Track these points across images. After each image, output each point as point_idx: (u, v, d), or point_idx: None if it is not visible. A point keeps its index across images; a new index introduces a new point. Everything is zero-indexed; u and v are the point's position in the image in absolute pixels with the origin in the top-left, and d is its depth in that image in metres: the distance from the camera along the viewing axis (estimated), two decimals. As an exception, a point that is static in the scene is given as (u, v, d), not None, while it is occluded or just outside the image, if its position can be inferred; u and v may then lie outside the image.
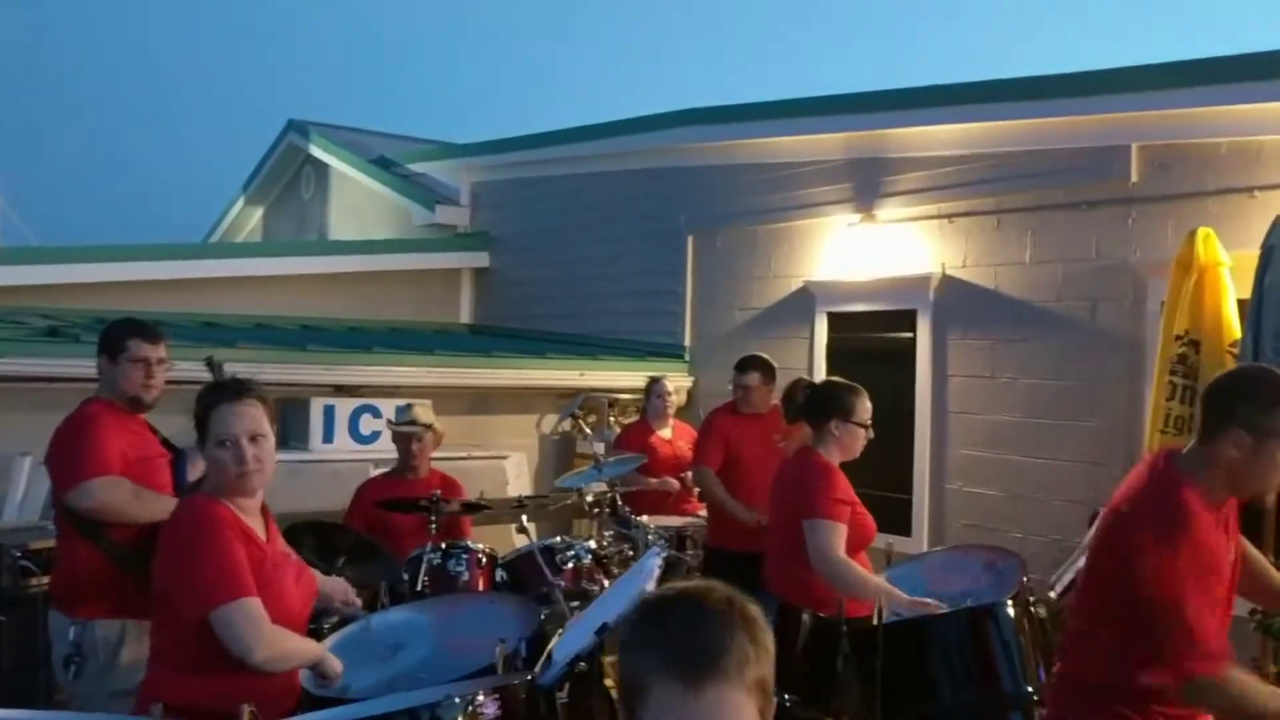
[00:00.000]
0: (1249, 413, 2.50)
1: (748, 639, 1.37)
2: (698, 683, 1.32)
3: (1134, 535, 2.54)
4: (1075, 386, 6.01)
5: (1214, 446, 2.55)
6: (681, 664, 1.33)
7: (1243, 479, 2.55)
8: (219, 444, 2.78)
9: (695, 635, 1.35)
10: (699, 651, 1.33)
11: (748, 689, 1.34)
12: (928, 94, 6.78)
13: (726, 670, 1.33)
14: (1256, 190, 5.27)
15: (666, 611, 1.41)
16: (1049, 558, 5.47)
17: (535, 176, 10.56)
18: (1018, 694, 3.35)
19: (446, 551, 4.75)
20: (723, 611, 1.38)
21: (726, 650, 1.34)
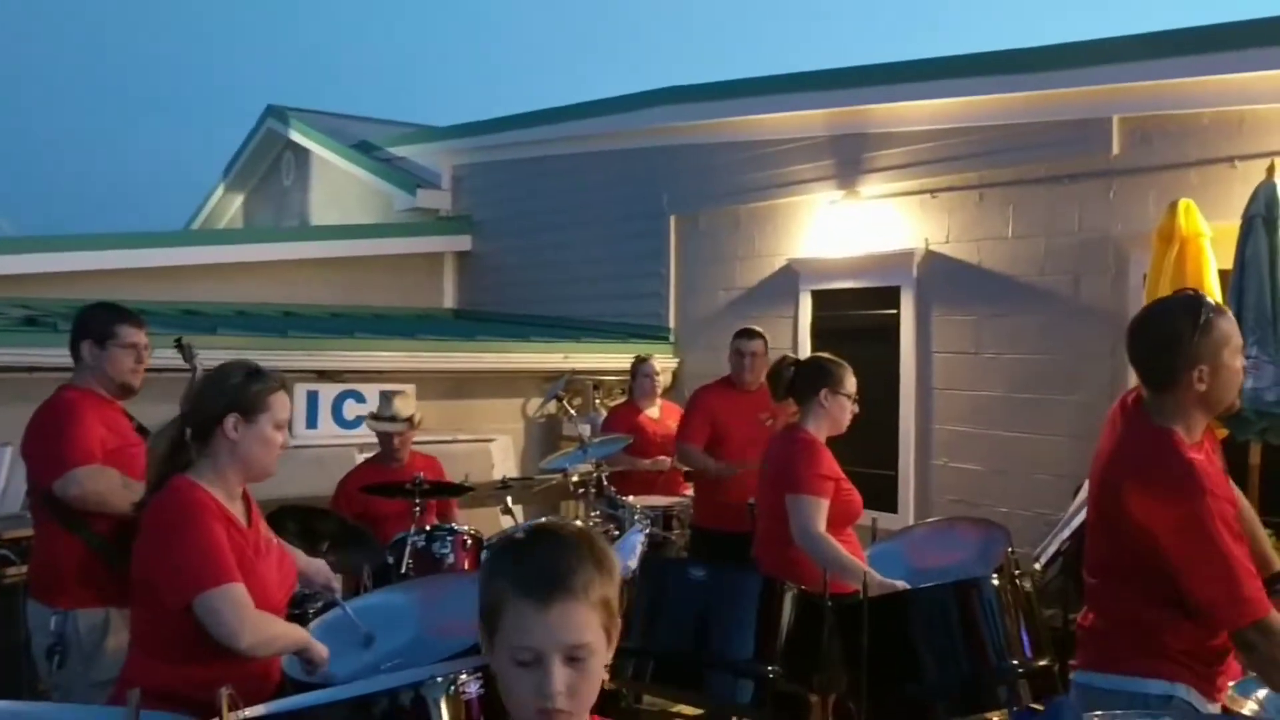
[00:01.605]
0: (1193, 349, 2.57)
1: (593, 563, 1.53)
2: (546, 598, 1.48)
3: (1148, 499, 2.55)
4: (1058, 360, 6.02)
5: (1177, 392, 2.60)
6: (532, 582, 1.49)
7: (1215, 401, 2.63)
8: (277, 426, 2.80)
9: (545, 558, 1.52)
10: (548, 571, 1.50)
11: (592, 605, 1.51)
12: (909, 69, 6.76)
13: (572, 587, 1.49)
14: (1237, 161, 5.27)
15: (523, 544, 1.58)
16: (1034, 531, 5.48)
17: (517, 159, 10.50)
18: (1003, 667, 3.35)
19: (431, 534, 4.74)
20: (571, 540, 1.56)
21: (572, 570, 1.50)
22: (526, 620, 1.48)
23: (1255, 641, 2.43)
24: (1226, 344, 2.61)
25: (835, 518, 3.76)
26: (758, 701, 3.38)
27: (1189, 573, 2.48)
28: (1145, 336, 2.70)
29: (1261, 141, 5.21)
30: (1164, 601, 2.55)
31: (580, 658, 1.50)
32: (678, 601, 3.54)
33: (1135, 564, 2.60)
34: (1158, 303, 2.88)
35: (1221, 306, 2.68)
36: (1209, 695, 2.59)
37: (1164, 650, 2.58)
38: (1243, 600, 2.43)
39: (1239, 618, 2.44)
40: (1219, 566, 2.45)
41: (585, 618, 1.50)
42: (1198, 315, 2.60)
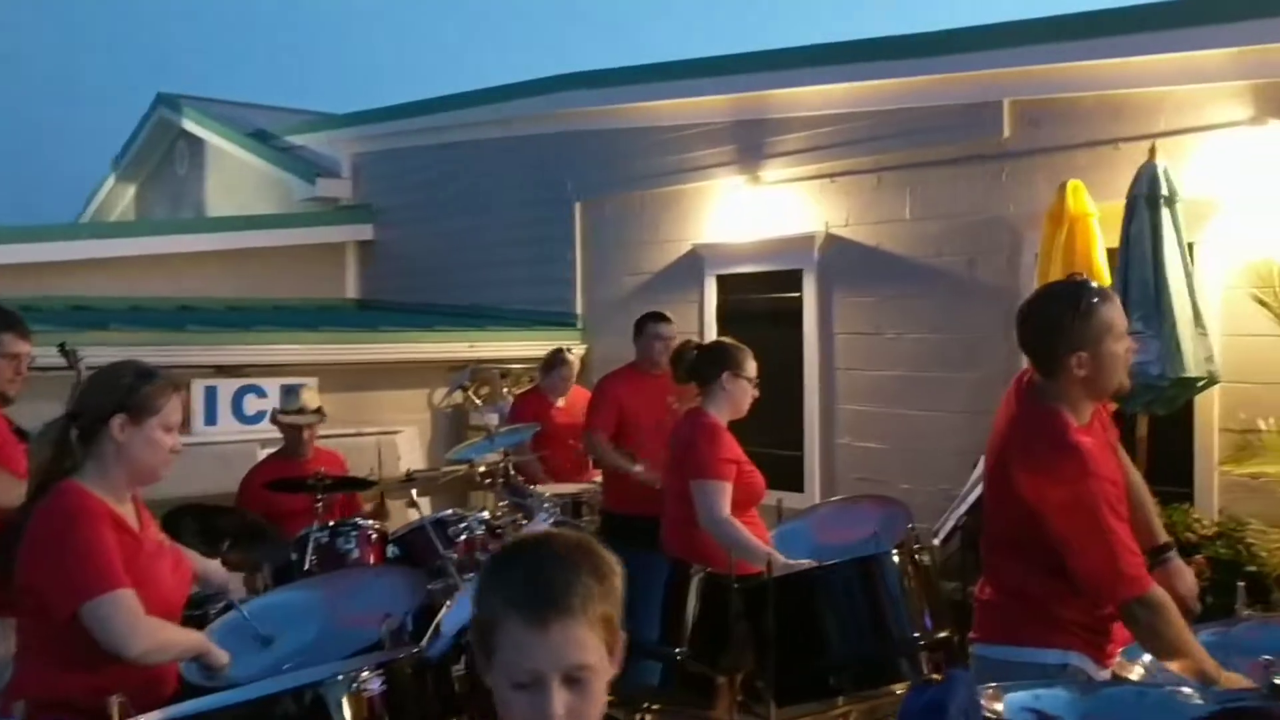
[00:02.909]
0: (1072, 336, 2.64)
1: (592, 578, 1.44)
2: (542, 618, 1.40)
3: (1035, 478, 2.63)
4: (956, 339, 6.16)
5: (1061, 377, 2.67)
6: (527, 601, 1.41)
7: (1099, 386, 2.70)
8: (167, 429, 2.68)
9: (540, 575, 1.43)
10: (543, 589, 1.41)
11: (591, 623, 1.42)
12: (807, 54, 6.83)
13: (570, 605, 1.41)
14: (1121, 143, 5.44)
15: (515, 556, 1.49)
16: (936, 506, 5.60)
17: (418, 146, 10.36)
18: (905, 640, 3.43)
19: (335, 529, 4.67)
20: (568, 552, 1.47)
21: (569, 587, 1.42)
22: (522, 641, 1.41)
23: (1138, 614, 2.53)
24: (1108, 331, 2.66)
25: (739, 500, 3.80)
26: (665, 683, 3.41)
27: (1073, 550, 2.57)
28: (1029, 322, 2.78)
29: (1143, 124, 5.39)
30: (1055, 574, 2.64)
31: (581, 679, 1.42)
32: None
33: (1026, 538, 2.68)
34: (1043, 289, 2.96)
35: (1108, 292, 2.74)
36: (1100, 662, 2.68)
37: (1057, 621, 2.66)
38: (1124, 577, 2.53)
39: (1121, 593, 2.53)
40: (1101, 545, 2.54)
41: (585, 637, 1.42)
42: (1079, 302, 2.67)
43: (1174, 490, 5.15)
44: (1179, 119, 5.31)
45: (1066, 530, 2.58)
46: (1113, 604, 2.58)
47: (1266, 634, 2.79)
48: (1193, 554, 4.71)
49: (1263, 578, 4.63)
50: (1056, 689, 2.43)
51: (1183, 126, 5.29)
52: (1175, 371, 4.68)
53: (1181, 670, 2.51)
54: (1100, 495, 2.55)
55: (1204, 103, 5.26)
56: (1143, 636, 2.58)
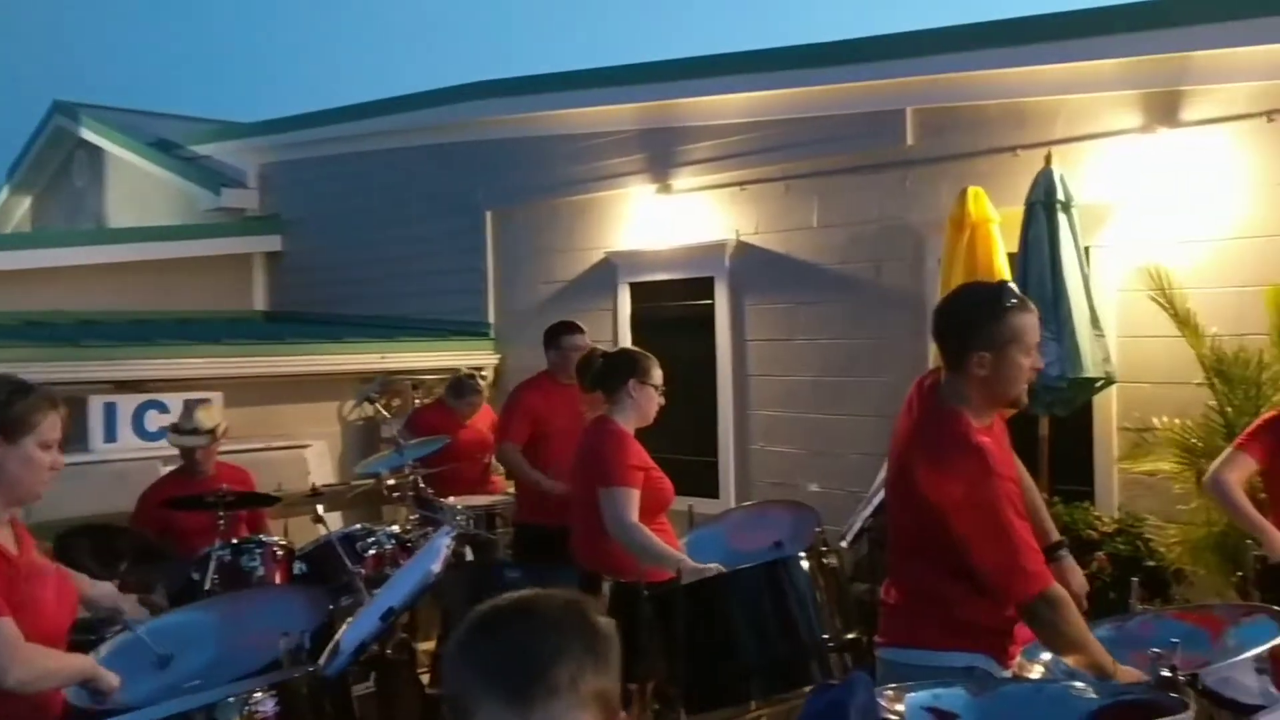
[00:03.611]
0: (978, 334, 2.66)
1: (582, 647, 1.25)
2: (525, 700, 1.20)
3: (937, 478, 2.65)
4: (864, 344, 6.24)
5: (963, 374, 2.69)
6: (507, 680, 1.21)
7: (997, 392, 2.71)
8: (44, 446, 2.56)
9: (522, 648, 1.23)
10: (525, 665, 1.22)
11: (583, 702, 1.22)
12: (715, 63, 6.88)
13: (557, 684, 1.21)
14: (1020, 150, 5.56)
15: (494, 622, 1.28)
16: (849, 508, 5.64)
17: (326, 155, 10.19)
18: (815, 643, 3.44)
19: (238, 548, 4.55)
20: (556, 620, 1.27)
21: (556, 662, 1.22)
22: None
23: (1039, 612, 2.57)
24: (1016, 339, 2.67)
25: (648, 506, 3.79)
26: (576, 695, 3.37)
27: (975, 548, 2.60)
28: (943, 316, 2.81)
29: (1041, 131, 5.52)
30: (959, 576, 2.66)
31: None
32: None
33: (930, 540, 2.71)
34: (967, 285, 2.98)
35: (1028, 304, 2.74)
36: (1003, 664, 2.72)
37: (961, 623, 2.69)
38: (1026, 574, 2.56)
39: (1022, 590, 2.57)
40: (1003, 542, 2.57)
41: (574, 716, 1.21)
42: (994, 305, 2.69)
43: (1075, 489, 5.28)
44: (1074, 127, 5.45)
45: (968, 528, 2.61)
46: (1014, 601, 2.61)
47: (1160, 628, 2.85)
48: (1094, 551, 4.84)
49: (1160, 572, 4.76)
50: (956, 688, 2.45)
51: (1078, 134, 5.43)
52: (1074, 372, 4.80)
53: (1079, 665, 2.55)
54: (1001, 493, 2.59)
55: (1098, 111, 5.41)
56: (1043, 633, 2.62)
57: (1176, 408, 4.96)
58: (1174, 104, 5.17)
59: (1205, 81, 5.08)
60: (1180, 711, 2.12)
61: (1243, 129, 4.99)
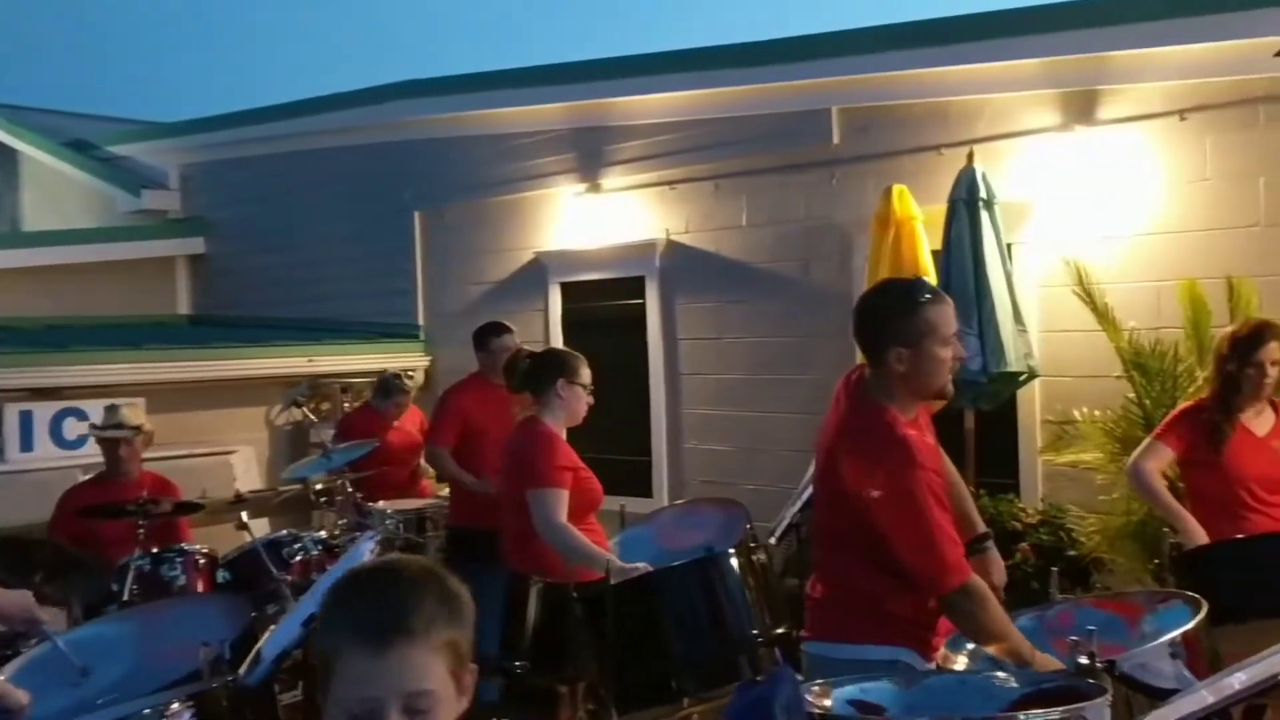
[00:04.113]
0: (895, 329, 2.69)
1: (438, 601, 1.37)
2: (383, 642, 1.31)
3: (862, 471, 2.67)
4: (793, 342, 6.28)
5: (884, 369, 2.72)
6: (369, 627, 1.33)
7: (919, 386, 2.74)
8: None
9: (384, 600, 1.35)
10: (386, 613, 1.33)
11: (435, 648, 1.34)
12: (643, 62, 6.88)
13: (412, 629, 1.33)
14: (943, 149, 5.64)
15: (360, 583, 1.41)
16: (779, 505, 5.69)
17: (251, 156, 10.02)
18: (745, 639, 3.44)
19: (158, 557, 4.44)
20: (414, 578, 1.39)
21: (413, 610, 1.34)
22: (361, 668, 1.31)
23: (959, 603, 2.60)
24: (931, 333, 2.70)
25: (577, 507, 3.77)
26: (505, 698, 3.36)
27: (898, 540, 2.63)
28: (861, 314, 2.83)
29: (963, 130, 5.61)
30: (884, 570, 2.69)
31: (423, 709, 1.32)
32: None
33: (855, 534, 2.73)
34: (881, 283, 3.00)
35: (942, 296, 2.79)
36: (926, 656, 2.75)
37: (886, 617, 2.71)
38: (946, 566, 2.60)
39: (943, 582, 2.60)
40: (925, 535, 2.60)
41: (427, 661, 1.33)
42: (908, 300, 2.72)
43: (1000, 481, 5.37)
44: (996, 125, 5.55)
45: (891, 520, 2.63)
46: (934, 593, 2.64)
47: (1079, 616, 2.91)
48: (1018, 542, 4.93)
49: (1081, 561, 4.86)
50: (882, 681, 2.47)
51: (999, 132, 5.53)
52: (998, 367, 4.87)
53: (1000, 655, 2.59)
54: (925, 486, 2.62)
55: (1018, 110, 5.51)
56: (963, 624, 2.66)
57: (1097, 400, 5.07)
58: (1091, 103, 5.29)
59: (1121, 81, 5.20)
60: (1097, 697, 2.15)
61: (1156, 127, 5.12)
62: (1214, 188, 5.00)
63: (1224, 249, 4.93)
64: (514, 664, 3.33)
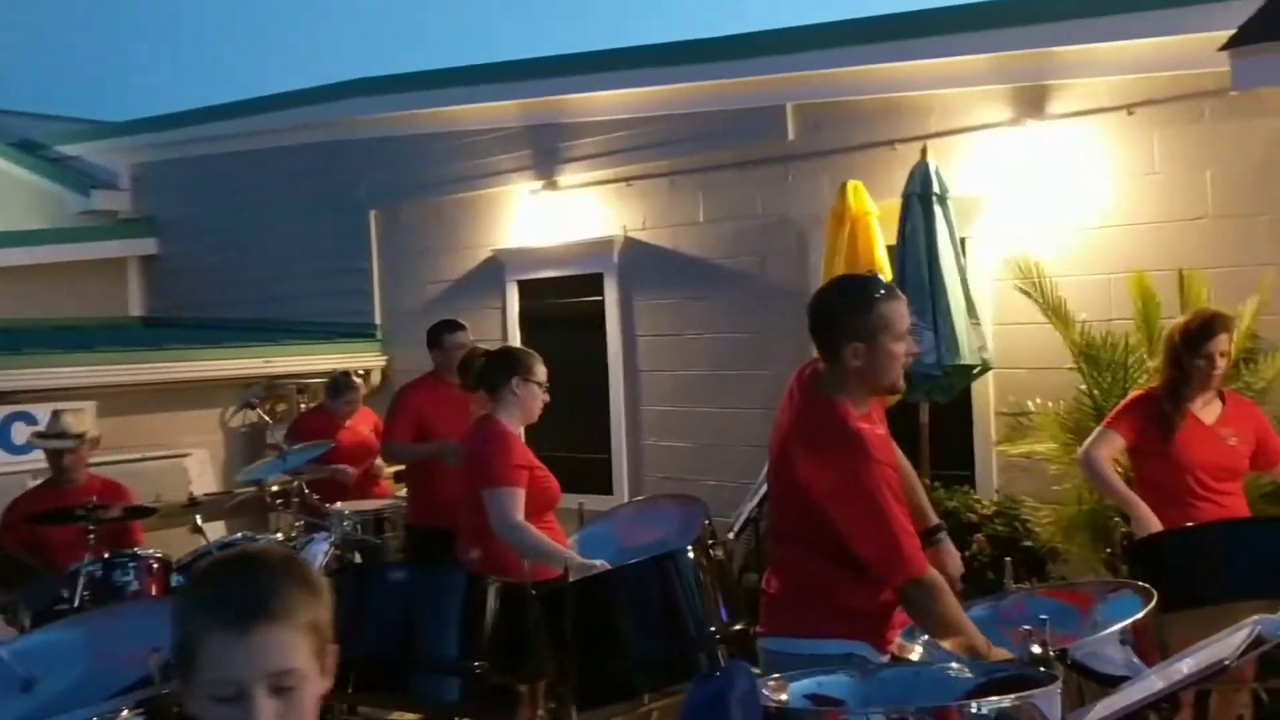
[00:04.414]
0: (850, 325, 2.71)
1: (297, 583, 1.41)
2: (248, 625, 1.35)
3: (816, 464, 2.69)
4: (751, 338, 6.30)
5: (839, 364, 2.74)
6: (233, 610, 1.36)
7: (874, 380, 2.76)
8: None
9: (246, 584, 1.39)
10: (248, 597, 1.37)
11: (299, 628, 1.38)
12: (599, 59, 6.88)
13: (275, 610, 1.36)
14: (897, 144, 5.68)
15: (220, 571, 1.45)
16: (739, 500, 5.71)
17: (203, 155, 9.90)
18: (703, 635, 3.45)
19: (110, 562, 4.38)
20: (274, 563, 1.44)
21: (274, 591, 1.38)
22: (225, 651, 1.34)
23: (914, 595, 2.62)
24: (886, 328, 2.71)
25: (534, 505, 3.76)
26: (465, 698, 3.35)
27: (854, 533, 2.64)
28: (815, 310, 2.84)
29: (916, 125, 5.65)
30: (839, 563, 2.70)
31: (288, 686, 1.35)
32: (379, 606, 3.45)
33: (810, 527, 2.74)
34: (835, 279, 3.02)
35: (895, 292, 2.81)
36: (882, 649, 2.76)
37: (841, 610, 2.73)
38: (902, 558, 2.61)
39: (899, 574, 2.62)
40: (881, 527, 2.62)
41: (291, 641, 1.36)
42: (861, 295, 2.74)
43: (955, 473, 5.42)
44: (948, 120, 5.60)
45: (848, 514, 2.65)
46: (892, 585, 2.66)
47: (1032, 606, 2.94)
48: (974, 533, 4.97)
49: (1036, 551, 4.91)
50: (838, 675, 2.48)
51: (951, 127, 5.57)
52: (952, 360, 4.92)
53: (954, 647, 2.61)
54: (880, 478, 2.63)
55: (970, 105, 5.56)
56: (919, 616, 2.68)
57: (1050, 391, 5.12)
58: (1041, 98, 5.34)
59: (1070, 76, 5.26)
60: (1049, 684, 2.18)
61: (1105, 121, 5.18)
62: (1162, 181, 5.07)
63: (1173, 241, 5.00)
64: (472, 665, 3.32)
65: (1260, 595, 3.24)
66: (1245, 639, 2.28)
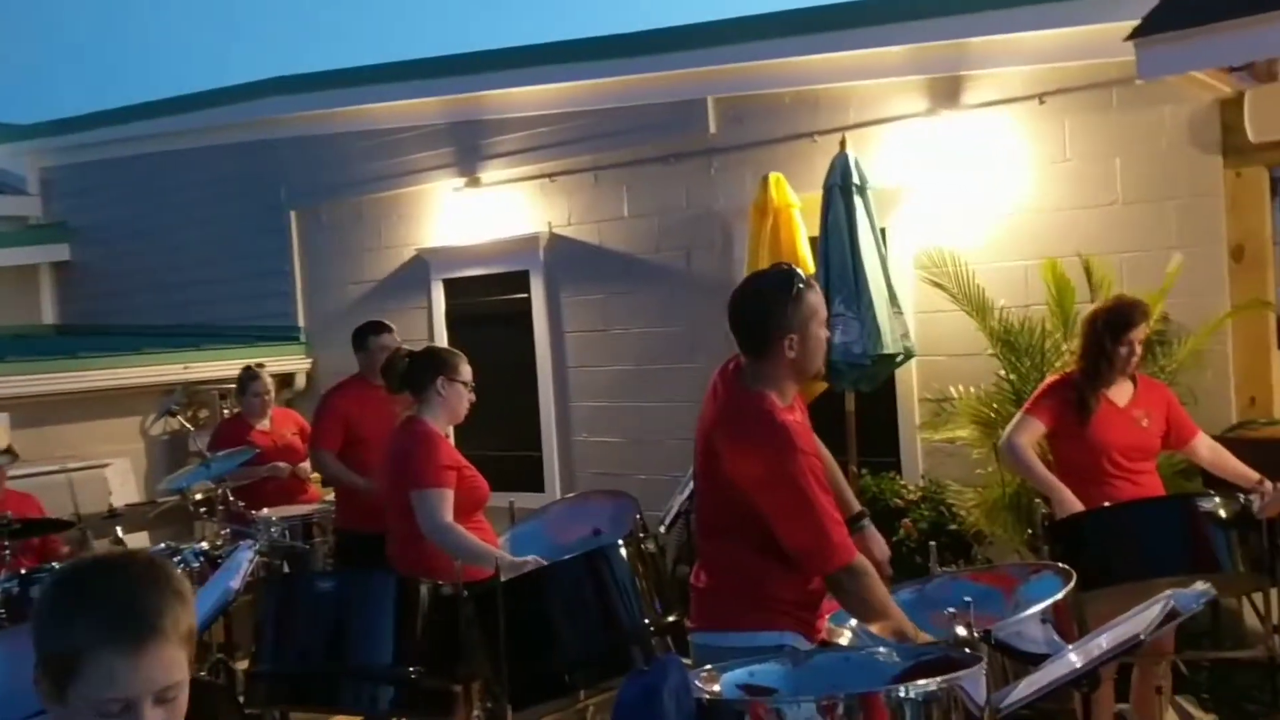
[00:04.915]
0: (782, 318, 2.75)
1: (174, 595, 1.42)
2: (138, 645, 1.36)
3: (743, 457, 2.72)
4: (678, 332, 6.33)
5: (770, 359, 2.77)
6: (123, 627, 1.36)
7: (806, 367, 2.83)
8: None
9: (127, 600, 1.39)
10: (134, 615, 1.37)
11: (181, 641, 1.41)
12: (519, 55, 6.85)
13: (163, 628, 1.38)
14: (817, 135, 5.74)
15: (94, 582, 1.43)
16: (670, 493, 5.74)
17: (116, 157, 9.65)
18: (636, 629, 3.46)
19: (27, 578, 4.25)
20: (146, 572, 1.43)
21: (160, 609, 1.39)
22: (114, 669, 1.35)
23: (844, 583, 2.66)
24: (814, 315, 2.80)
25: (462, 505, 3.74)
26: (400, 704, 3.33)
27: (782, 524, 2.68)
28: (743, 308, 2.86)
29: (835, 117, 5.72)
30: (766, 554, 2.73)
31: (171, 697, 1.40)
32: (308, 615, 3.42)
33: (738, 521, 2.77)
34: (754, 277, 3.03)
35: (812, 281, 2.87)
36: (811, 638, 2.80)
37: (770, 602, 2.76)
38: (830, 546, 2.65)
39: (828, 563, 2.65)
40: (809, 517, 2.65)
41: (177, 657, 1.40)
42: (789, 288, 2.78)
43: (881, 460, 5.50)
44: (865, 112, 5.67)
45: (774, 505, 2.68)
46: (819, 573, 2.70)
47: (956, 588, 3.00)
48: (900, 518, 5.06)
49: (962, 535, 5.01)
50: (770, 664, 2.52)
51: (869, 119, 5.65)
52: (875, 349, 4.99)
53: (882, 632, 2.66)
54: (806, 469, 2.67)
55: (887, 96, 5.64)
56: (848, 603, 2.72)
57: (971, 377, 5.22)
58: (955, 88, 5.44)
59: (983, 66, 5.36)
60: (974, 665, 2.23)
61: (1018, 111, 5.29)
62: (1074, 168, 5.19)
63: (1085, 227, 5.13)
64: (406, 669, 3.29)
65: (1174, 570, 3.36)
66: (1159, 614, 2.36)
